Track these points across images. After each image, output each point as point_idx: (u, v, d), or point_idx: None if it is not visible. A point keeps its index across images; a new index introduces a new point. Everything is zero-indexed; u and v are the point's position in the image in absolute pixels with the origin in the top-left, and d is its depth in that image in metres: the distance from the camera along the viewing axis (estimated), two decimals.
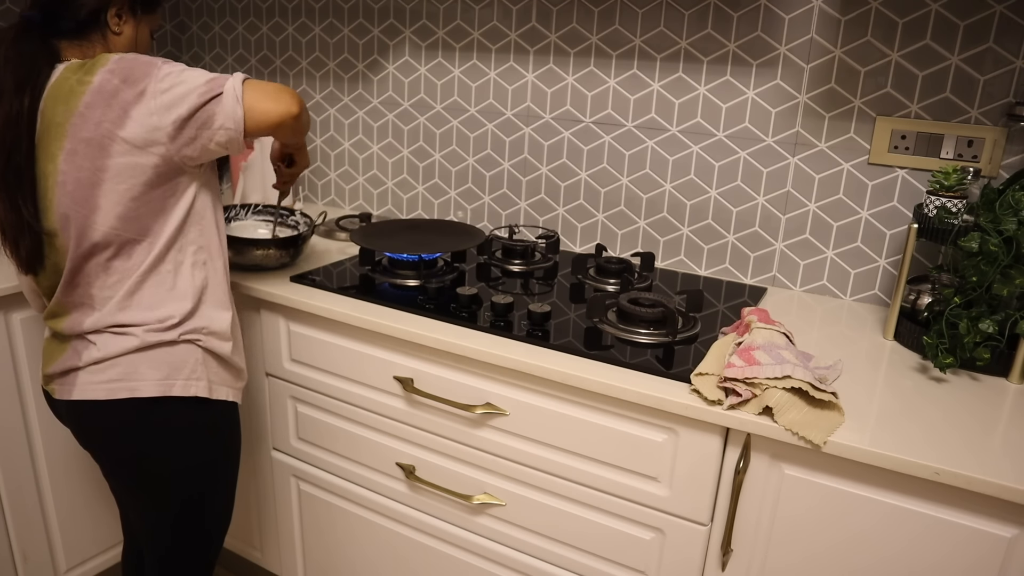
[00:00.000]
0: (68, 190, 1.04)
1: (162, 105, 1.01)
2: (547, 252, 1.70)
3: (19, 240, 1.08)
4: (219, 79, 1.05)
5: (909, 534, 0.98)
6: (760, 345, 1.07)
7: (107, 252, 1.08)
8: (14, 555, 1.58)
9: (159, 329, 1.10)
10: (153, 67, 1.03)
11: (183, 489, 1.19)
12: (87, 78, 1.02)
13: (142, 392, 1.10)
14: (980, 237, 1.14)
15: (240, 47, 2.17)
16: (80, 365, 1.11)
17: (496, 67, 1.77)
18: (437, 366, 1.30)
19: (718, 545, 1.13)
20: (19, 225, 1.07)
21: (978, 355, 1.15)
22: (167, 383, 1.11)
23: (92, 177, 1.03)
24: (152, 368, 1.10)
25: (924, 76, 1.35)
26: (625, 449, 1.15)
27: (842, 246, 1.50)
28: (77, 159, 1.03)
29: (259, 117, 1.05)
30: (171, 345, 1.12)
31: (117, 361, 1.10)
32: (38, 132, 1.04)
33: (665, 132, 1.61)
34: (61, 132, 1.03)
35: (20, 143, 1.04)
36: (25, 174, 1.05)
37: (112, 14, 1.11)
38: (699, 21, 1.52)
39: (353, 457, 1.46)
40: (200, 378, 1.14)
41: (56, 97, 1.03)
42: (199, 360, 1.14)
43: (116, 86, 1.01)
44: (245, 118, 1.04)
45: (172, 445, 1.15)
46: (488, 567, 1.35)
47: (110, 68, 1.02)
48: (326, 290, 1.43)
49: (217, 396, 1.17)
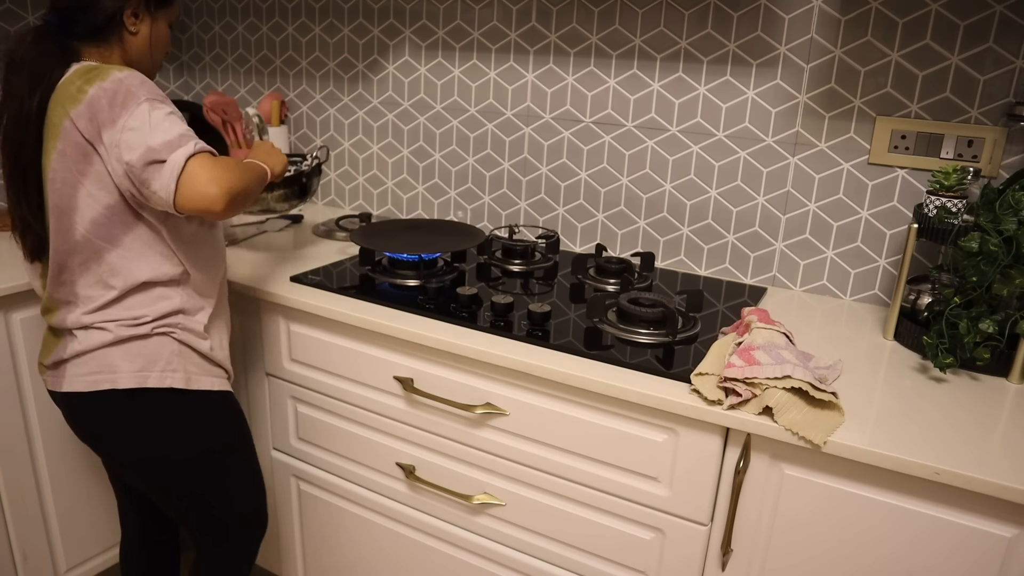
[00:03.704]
0: (56, 187, 1.09)
1: (123, 142, 1.02)
2: (547, 252, 1.70)
3: (25, 230, 1.16)
4: (174, 144, 1.01)
5: (909, 534, 0.98)
6: (760, 345, 1.07)
7: (85, 253, 1.11)
8: (14, 555, 1.58)
9: (132, 324, 1.13)
10: (134, 101, 1.02)
11: (181, 480, 1.22)
12: (86, 87, 1.04)
13: (120, 383, 1.13)
14: (980, 237, 1.14)
15: (240, 47, 2.17)
16: (66, 357, 1.15)
17: (496, 67, 1.77)
18: (437, 366, 1.30)
19: (718, 545, 1.13)
20: (24, 217, 1.14)
21: (978, 355, 1.15)
22: (142, 375, 1.14)
23: (74, 179, 1.07)
24: (126, 360, 1.13)
25: (924, 76, 1.35)
26: (625, 449, 1.15)
27: (842, 246, 1.50)
28: (66, 160, 1.07)
29: (187, 202, 1.02)
30: (144, 338, 1.14)
31: (95, 355, 1.13)
32: (44, 130, 1.08)
33: (665, 132, 1.61)
34: (56, 132, 1.06)
35: (27, 142, 1.09)
36: (30, 172, 1.11)
37: (128, 14, 1.12)
38: (699, 21, 1.52)
39: (353, 457, 1.46)
40: (176, 369, 1.16)
41: (58, 99, 1.07)
42: (175, 352, 1.16)
43: (101, 105, 1.03)
44: (175, 195, 1.01)
45: (158, 437, 1.18)
46: (488, 567, 1.35)
47: (105, 85, 1.03)
48: (326, 290, 1.43)
49: (197, 387, 1.19)
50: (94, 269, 1.12)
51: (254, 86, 2.18)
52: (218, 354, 1.23)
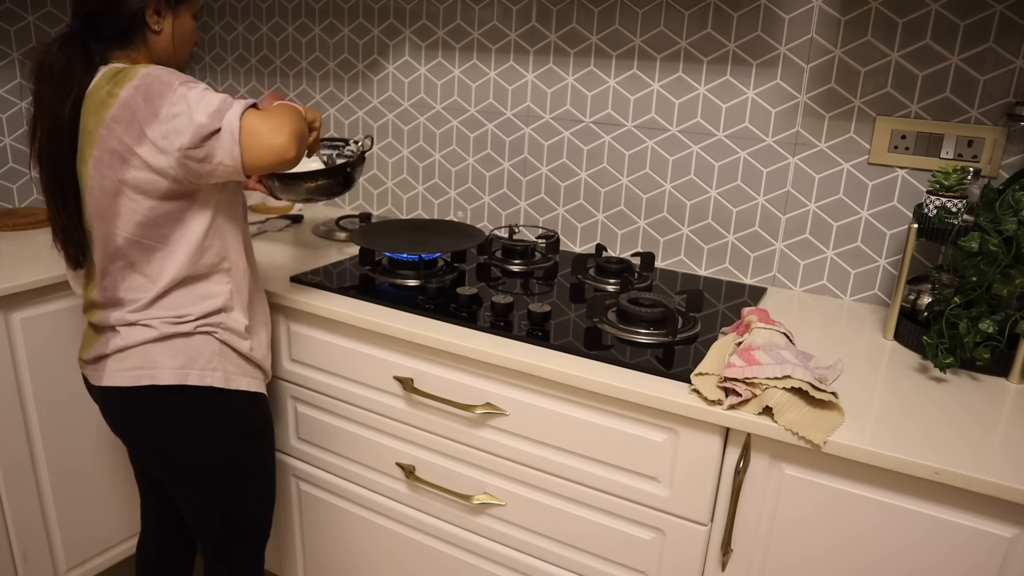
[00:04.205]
0: (95, 195, 1.10)
1: (171, 130, 1.03)
2: (547, 252, 1.70)
3: (66, 239, 1.16)
4: (221, 110, 1.02)
5: (909, 534, 0.98)
6: (760, 345, 1.07)
7: (129, 257, 1.12)
8: (14, 555, 1.58)
9: (175, 322, 1.15)
10: (169, 89, 1.03)
11: (207, 477, 1.22)
12: (116, 90, 1.04)
13: (161, 380, 1.14)
14: (980, 237, 1.14)
15: (240, 47, 2.17)
16: (108, 352, 1.16)
17: (496, 67, 1.77)
18: (437, 366, 1.30)
19: (718, 545, 1.13)
20: (65, 227, 1.14)
21: (978, 355, 1.15)
22: (183, 372, 1.15)
23: (114, 186, 1.08)
24: (168, 357, 1.14)
25: (924, 76, 1.35)
26: (625, 449, 1.15)
27: (842, 246, 1.50)
28: (102, 167, 1.07)
29: (257, 159, 1.04)
30: (187, 336, 1.15)
31: (137, 350, 1.14)
32: (79, 138, 1.09)
33: (665, 132, 1.61)
34: (91, 140, 1.07)
35: (63, 151, 1.09)
36: (68, 181, 1.11)
37: (150, 13, 1.12)
38: (699, 21, 1.52)
39: (353, 457, 1.46)
40: (216, 368, 1.17)
41: (89, 106, 1.07)
42: (215, 351, 1.17)
43: (138, 103, 1.03)
44: (242, 157, 1.03)
45: (192, 435, 1.19)
46: (488, 567, 1.35)
47: (135, 84, 1.04)
48: (326, 290, 1.43)
49: (235, 387, 1.20)
50: (138, 271, 1.13)
51: (254, 86, 2.18)
52: (257, 354, 1.24)
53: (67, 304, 1.56)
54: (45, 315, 1.52)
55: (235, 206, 1.19)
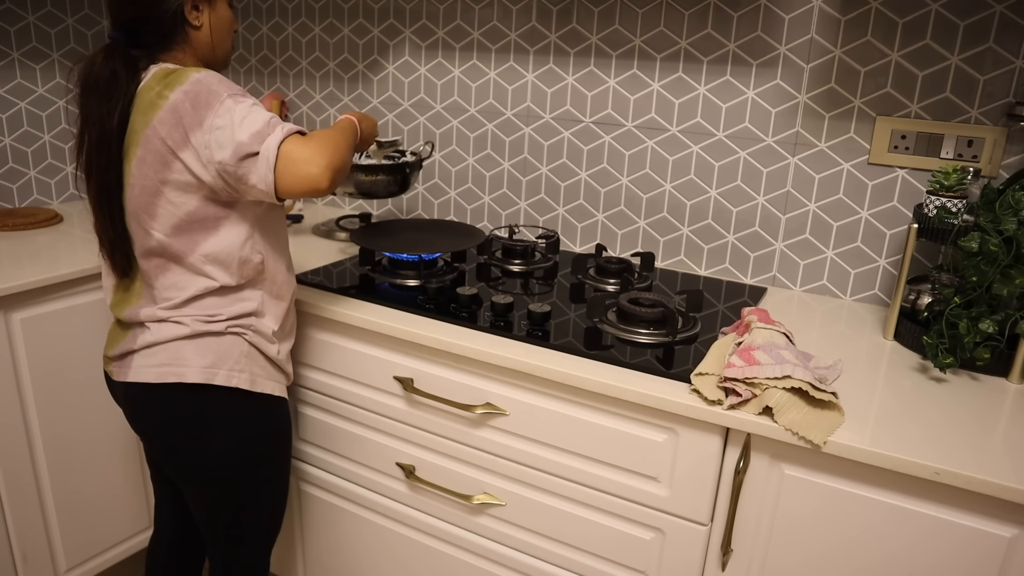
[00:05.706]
0: (135, 194, 1.10)
1: (213, 142, 1.03)
2: (547, 252, 1.70)
3: (113, 250, 1.16)
4: (263, 133, 1.03)
5: (909, 534, 0.98)
6: (760, 345, 1.07)
7: (164, 256, 1.12)
8: (14, 555, 1.58)
9: (207, 320, 1.15)
10: (217, 100, 1.03)
11: (225, 477, 1.22)
12: (166, 92, 1.04)
13: (188, 377, 1.14)
14: (980, 237, 1.14)
15: (240, 47, 2.17)
16: (135, 348, 1.16)
17: (496, 67, 1.77)
18: (437, 366, 1.30)
19: (718, 545, 1.13)
20: (111, 238, 1.14)
21: (978, 355, 1.15)
22: (211, 371, 1.15)
23: (154, 187, 1.08)
24: (197, 355, 1.14)
25: (924, 76, 1.35)
26: (625, 449, 1.15)
27: (842, 246, 1.50)
28: (145, 167, 1.07)
29: (289, 188, 1.05)
30: (218, 336, 1.16)
31: (167, 346, 1.14)
32: (126, 138, 1.09)
33: (665, 132, 1.61)
34: (137, 139, 1.07)
35: (112, 163, 1.09)
36: (114, 191, 1.11)
37: (188, 8, 1.11)
38: (699, 21, 1.52)
39: (353, 457, 1.46)
40: (243, 370, 1.17)
41: (139, 106, 1.07)
42: (244, 353, 1.17)
43: (185, 108, 1.03)
44: (276, 184, 1.04)
45: (214, 435, 1.18)
46: (488, 567, 1.35)
47: (186, 89, 1.04)
48: (326, 290, 1.43)
49: (260, 389, 1.20)
50: (173, 271, 1.13)
51: (254, 86, 2.18)
52: (282, 358, 1.24)
53: (67, 304, 1.56)
54: (45, 315, 1.52)
55: (275, 219, 1.19)
